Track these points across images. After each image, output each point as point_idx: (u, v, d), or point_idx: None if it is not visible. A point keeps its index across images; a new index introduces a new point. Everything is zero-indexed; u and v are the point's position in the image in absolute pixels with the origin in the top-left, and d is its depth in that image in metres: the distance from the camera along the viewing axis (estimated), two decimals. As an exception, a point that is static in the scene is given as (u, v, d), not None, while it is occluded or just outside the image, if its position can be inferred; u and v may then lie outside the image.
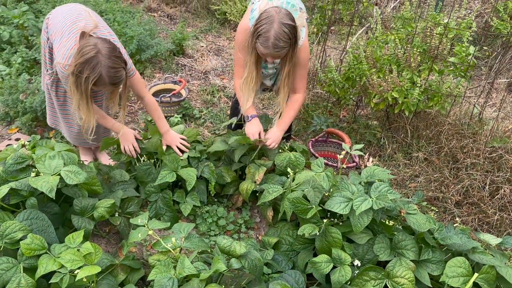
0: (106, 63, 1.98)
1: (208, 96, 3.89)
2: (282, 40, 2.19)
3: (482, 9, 5.07)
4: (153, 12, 5.81)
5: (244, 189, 2.48)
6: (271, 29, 2.16)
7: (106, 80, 2.02)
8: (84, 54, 1.96)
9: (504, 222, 2.64)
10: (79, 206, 2.03)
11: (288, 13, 2.22)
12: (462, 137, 2.96)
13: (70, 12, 2.31)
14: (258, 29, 2.20)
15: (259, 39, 2.22)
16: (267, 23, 2.17)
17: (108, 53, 1.99)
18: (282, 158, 2.48)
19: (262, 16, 2.22)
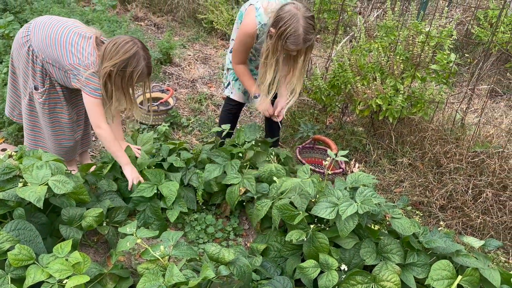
0: (145, 56, 2.16)
1: (196, 104, 3.92)
2: (310, 32, 2.29)
3: (463, 17, 5.20)
4: (140, 21, 5.83)
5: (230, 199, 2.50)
6: (300, 26, 2.23)
7: (146, 71, 2.18)
8: (127, 51, 2.10)
9: (487, 225, 2.70)
10: (67, 215, 2.02)
11: (305, 6, 2.31)
12: (445, 143, 3.03)
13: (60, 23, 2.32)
14: (287, 31, 2.25)
15: (289, 39, 2.28)
16: (293, 22, 2.23)
17: (143, 46, 2.16)
18: (264, 170, 2.51)
19: (284, 16, 2.25)
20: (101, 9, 5.13)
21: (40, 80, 2.39)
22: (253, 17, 2.50)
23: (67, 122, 2.55)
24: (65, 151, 2.67)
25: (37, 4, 4.76)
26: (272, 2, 2.47)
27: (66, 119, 2.53)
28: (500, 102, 4.20)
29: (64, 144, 2.64)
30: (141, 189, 2.33)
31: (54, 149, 2.64)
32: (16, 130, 3.18)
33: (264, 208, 2.32)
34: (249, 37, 2.54)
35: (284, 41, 2.29)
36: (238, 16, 2.76)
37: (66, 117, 2.53)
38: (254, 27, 2.49)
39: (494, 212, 2.69)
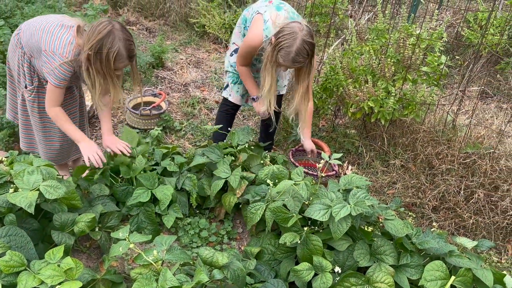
0: (122, 36, 2.06)
1: (189, 108, 3.91)
2: (302, 56, 2.32)
3: (454, 20, 5.25)
4: (132, 25, 5.82)
5: (226, 202, 2.49)
6: (294, 44, 2.27)
7: (124, 53, 2.08)
8: (101, 31, 2.03)
9: (479, 225, 2.72)
10: (59, 221, 2.01)
11: (309, 31, 2.33)
12: (437, 144, 3.05)
13: (47, 17, 2.32)
14: (281, 43, 2.30)
15: (280, 52, 2.32)
16: (290, 38, 2.28)
17: (121, 27, 2.08)
18: (266, 172, 2.50)
19: (285, 30, 2.31)
20: (92, 13, 5.12)
21: (29, 77, 2.38)
22: (260, 30, 2.51)
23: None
24: (56, 153, 2.65)
25: (28, 9, 4.74)
26: (281, 15, 2.48)
27: None
28: (491, 103, 4.24)
29: (54, 146, 2.62)
30: (137, 195, 2.32)
31: (45, 151, 2.63)
32: (7, 135, 3.15)
33: (258, 212, 2.31)
34: (254, 49, 2.56)
35: (276, 52, 2.33)
36: (242, 20, 2.76)
37: None
38: (261, 40, 2.50)
39: (486, 212, 2.71)
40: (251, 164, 2.73)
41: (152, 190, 2.37)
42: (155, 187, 2.40)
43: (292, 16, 2.54)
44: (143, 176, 2.39)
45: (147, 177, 2.40)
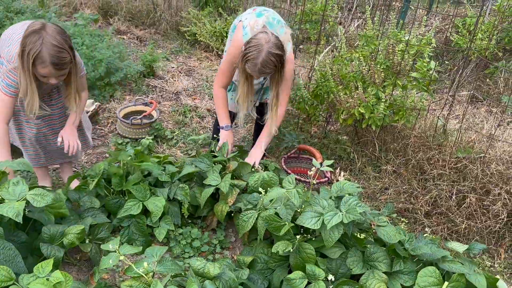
0: (48, 40, 1.95)
1: (180, 117, 3.90)
2: (269, 67, 2.35)
3: (442, 25, 5.30)
4: (123, 34, 5.81)
5: (218, 210, 2.48)
6: (259, 56, 2.31)
7: (47, 58, 1.95)
8: (29, 28, 1.96)
9: (471, 230, 2.73)
10: (47, 233, 1.98)
11: (276, 42, 2.35)
12: (428, 149, 3.06)
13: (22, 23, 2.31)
14: (247, 55, 2.34)
15: (247, 63, 2.37)
16: (256, 50, 2.32)
17: (54, 32, 1.98)
18: (255, 179, 2.49)
19: (252, 42, 2.34)
20: (82, 23, 5.10)
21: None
22: (241, 37, 2.56)
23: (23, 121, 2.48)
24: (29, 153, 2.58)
25: (17, 19, 4.71)
26: (259, 20, 2.52)
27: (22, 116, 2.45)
28: (481, 107, 4.27)
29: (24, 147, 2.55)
30: (127, 208, 2.30)
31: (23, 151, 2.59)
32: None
33: (250, 220, 2.30)
34: (235, 58, 2.57)
35: (244, 63, 2.38)
36: (231, 29, 2.80)
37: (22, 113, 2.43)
38: (241, 45, 2.51)
39: (478, 216, 2.71)
40: (242, 172, 2.72)
41: (143, 202, 2.35)
42: (147, 198, 2.38)
43: (271, 22, 2.56)
44: (135, 188, 2.37)
45: (139, 189, 2.38)
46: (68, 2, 6.26)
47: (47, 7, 6.01)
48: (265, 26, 2.51)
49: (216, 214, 2.51)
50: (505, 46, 4.59)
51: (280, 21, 2.62)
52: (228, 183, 2.38)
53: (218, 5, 5.80)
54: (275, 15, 2.65)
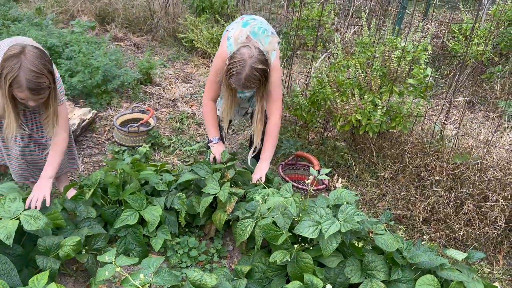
0: (26, 65, 1.93)
1: (177, 124, 3.89)
2: (253, 81, 2.38)
3: (439, 31, 5.31)
4: (120, 41, 5.81)
5: (217, 219, 2.47)
6: (243, 72, 2.33)
7: (24, 82, 1.93)
8: (8, 52, 1.95)
9: (470, 236, 2.72)
10: (43, 245, 1.97)
11: (259, 57, 2.36)
12: (425, 155, 3.06)
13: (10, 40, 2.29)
14: (231, 70, 2.37)
15: (231, 79, 2.39)
16: (239, 66, 2.34)
17: (33, 57, 1.96)
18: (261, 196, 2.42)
19: (236, 57, 2.36)
20: (79, 30, 5.10)
21: None
22: (225, 48, 2.59)
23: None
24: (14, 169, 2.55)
25: (14, 27, 4.71)
26: (244, 30, 2.52)
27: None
28: (478, 113, 4.28)
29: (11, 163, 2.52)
30: (124, 218, 2.29)
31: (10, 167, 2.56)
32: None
33: (247, 229, 2.29)
34: (219, 68, 2.58)
35: (228, 78, 2.41)
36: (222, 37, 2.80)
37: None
38: (225, 57, 2.54)
39: (476, 223, 2.71)
40: (241, 179, 2.71)
41: (140, 212, 2.34)
42: (144, 208, 2.37)
43: (255, 32, 2.55)
44: (131, 197, 2.36)
45: (136, 199, 2.37)
46: (65, 9, 6.27)
47: (44, 15, 6.02)
48: (249, 36, 2.51)
49: (214, 223, 2.50)
50: (501, 51, 4.61)
51: (266, 30, 2.60)
52: (227, 192, 2.38)
53: (215, 11, 5.81)
54: (262, 24, 2.64)
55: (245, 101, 2.96)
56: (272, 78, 2.53)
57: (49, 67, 2.02)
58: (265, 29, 2.58)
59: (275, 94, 2.64)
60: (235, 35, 2.53)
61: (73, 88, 3.97)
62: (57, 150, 2.34)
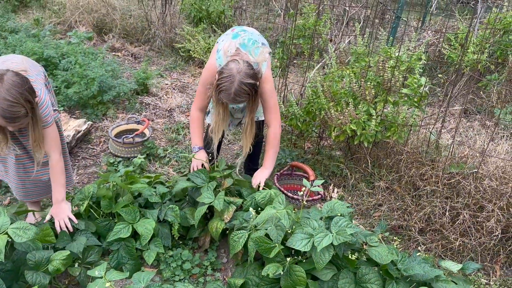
0: (2, 93, 1.91)
1: (173, 134, 3.88)
2: (242, 95, 2.38)
3: (435, 39, 5.32)
4: (117, 51, 5.82)
5: (213, 227, 2.44)
6: (232, 87, 2.33)
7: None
8: None
9: (466, 247, 2.70)
10: (33, 260, 1.95)
11: (248, 71, 2.36)
12: (421, 165, 3.04)
13: (2, 58, 2.28)
14: (220, 86, 2.36)
15: (220, 94, 2.39)
16: (228, 81, 2.34)
17: (10, 85, 1.93)
18: (263, 196, 2.44)
19: (224, 72, 2.35)
20: (76, 41, 5.11)
21: None
22: (214, 60, 2.60)
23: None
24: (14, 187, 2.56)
25: (12, 38, 4.73)
26: (233, 43, 2.52)
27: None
28: (474, 121, 4.27)
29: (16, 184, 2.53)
30: (116, 231, 2.27)
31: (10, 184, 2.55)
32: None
33: (241, 240, 2.27)
34: (211, 77, 2.57)
35: (217, 93, 2.40)
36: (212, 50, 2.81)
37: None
38: (214, 69, 2.55)
39: (472, 233, 2.69)
40: (244, 190, 2.69)
41: (133, 225, 2.32)
42: (137, 221, 2.35)
43: (245, 44, 2.54)
44: (124, 210, 2.34)
45: (129, 211, 2.35)
46: (63, 20, 6.30)
47: (42, 26, 6.04)
48: (239, 48, 2.51)
49: (210, 231, 2.47)
50: (497, 59, 4.60)
51: (256, 41, 2.59)
52: (222, 201, 2.36)
53: (212, 21, 5.84)
54: (253, 35, 2.63)
55: (239, 112, 2.95)
56: (264, 89, 2.53)
57: (26, 96, 1.99)
58: (255, 40, 2.58)
59: (271, 104, 2.63)
60: (224, 48, 2.53)
61: (69, 99, 3.98)
62: (56, 172, 2.33)
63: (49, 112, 2.22)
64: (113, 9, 6.23)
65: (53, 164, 2.32)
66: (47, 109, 2.20)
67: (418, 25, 7.34)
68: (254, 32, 2.68)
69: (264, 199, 2.45)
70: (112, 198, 2.44)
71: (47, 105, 2.19)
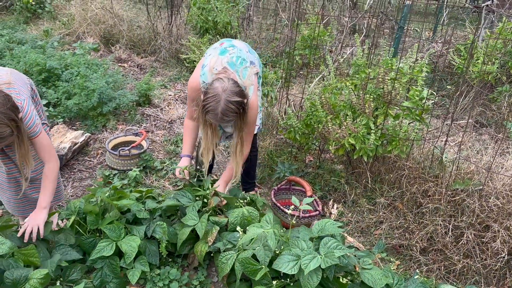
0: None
1: (172, 146, 3.83)
2: (230, 114, 2.28)
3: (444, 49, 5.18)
4: (123, 62, 5.83)
5: (198, 251, 2.36)
6: (218, 107, 2.24)
7: None
8: None
9: (470, 269, 2.55)
10: (10, 278, 1.89)
11: (234, 89, 2.27)
12: (424, 181, 2.91)
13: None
14: (206, 106, 2.27)
15: (207, 115, 2.30)
16: (213, 101, 2.25)
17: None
18: (235, 215, 2.38)
19: (209, 92, 2.27)
20: (81, 52, 5.13)
21: None
22: (197, 75, 2.51)
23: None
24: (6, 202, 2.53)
25: (18, 49, 4.77)
26: (220, 59, 2.44)
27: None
28: (484, 134, 4.11)
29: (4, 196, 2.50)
30: (100, 249, 2.20)
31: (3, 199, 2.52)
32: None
33: (229, 262, 2.18)
34: (193, 92, 2.51)
35: (204, 114, 2.32)
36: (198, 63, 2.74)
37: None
38: (197, 84, 2.48)
39: (477, 254, 2.54)
40: (226, 207, 2.61)
41: (117, 242, 2.25)
42: (121, 238, 2.28)
43: (233, 62, 2.44)
44: (109, 227, 2.27)
45: (113, 228, 2.28)
46: (72, 31, 6.35)
47: (51, 37, 6.10)
48: (226, 67, 2.42)
49: (196, 254, 2.39)
50: (509, 70, 4.44)
51: (244, 61, 2.48)
52: (204, 225, 2.28)
53: (218, 32, 5.81)
54: (241, 53, 2.51)
55: (229, 126, 2.85)
56: (248, 117, 2.43)
57: (10, 115, 1.95)
58: (244, 59, 2.47)
59: (249, 130, 2.56)
60: (210, 64, 2.44)
61: (69, 111, 3.97)
62: (48, 178, 2.28)
63: (34, 122, 2.17)
64: (120, 20, 6.26)
65: (46, 171, 2.28)
66: (31, 119, 2.15)
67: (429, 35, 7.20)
68: (243, 48, 2.56)
69: (237, 219, 2.37)
70: (99, 214, 2.38)
71: (30, 115, 2.14)
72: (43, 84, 4.25)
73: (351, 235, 2.95)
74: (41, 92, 4.08)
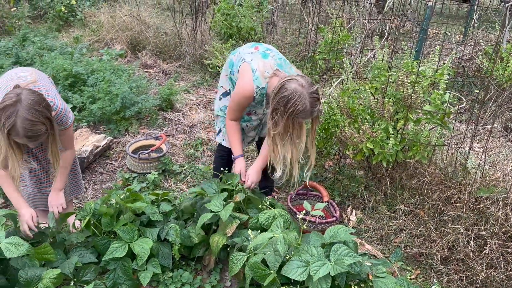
0: (22, 114, 1.92)
1: (191, 150, 3.85)
2: (316, 104, 2.26)
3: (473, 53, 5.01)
4: (149, 68, 5.94)
5: (214, 242, 2.34)
6: (307, 103, 2.21)
7: (20, 131, 1.94)
8: (4, 102, 1.94)
9: (494, 280, 2.43)
10: (24, 277, 1.93)
11: (307, 80, 2.27)
12: (447, 188, 2.81)
13: (12, 72, 2.33)
14: (296, 109, 2.21)
15: (299, 116, 2.25)
16: (301, 100, 2.20)
17: (29, 105, 1.94)
18: (266, 216, 2.34)
19: (292, 97, 2.21)
20: (107, 58, 5.27)
21: None
22: (250, 80, 2.44)
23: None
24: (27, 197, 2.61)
25: (47, 56, 4.94)
26: (267, 63, 2.42)
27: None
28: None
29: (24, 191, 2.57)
30: (112, 250, 2.23)
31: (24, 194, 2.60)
32: None
33: (238, 263, 2.16)
34: (246, 100, 2.50)
35: (293, 119, 2.27)
36: (229, 64, 2.70)
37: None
38: (252, 90, 2.44)
39: (501, 265, 2.42)
40: (250, 206, 2.59)
41: (130, 244, 2.27)
42: (135, 240, 2.30)
43: (281, 64, 2.46)
44: (122, 229, 2.30)
45: (126, 230, 2.30)
46: (100, 38, 6.53)
47: (80, 43, 6.29)
48: (277, 69, 2.42)
49: (211, 246, 2.37)
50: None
51: (285, 61, 2.53)
52: (229, 212, 2.27)
53: (242, 37, 5.83)
54: (279, 54, 2.55)
55: (251, 130, 2.87)
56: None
57: (45, 113, 2.01)
58: (285, 59, 2.53)
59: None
60: (260, 68, 2.41)
61: (93, 115, 4.06)
62: (64, 162, 2.42)
63: (66, 114, 2.29)
64: (147, 27, 6.39)
65: (64, 155, 2.41)
66: (65, 113, 2.26)
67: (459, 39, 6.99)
68: (276, 50, 2.59)
69: (269, 219, 2.33)
70: (114, 216, 2.41)
71: (64, 109, 2.25)
72: (69, 89, 4.38)
73: (370, 242, 2.88)
74: (67, 97, 4.20)
